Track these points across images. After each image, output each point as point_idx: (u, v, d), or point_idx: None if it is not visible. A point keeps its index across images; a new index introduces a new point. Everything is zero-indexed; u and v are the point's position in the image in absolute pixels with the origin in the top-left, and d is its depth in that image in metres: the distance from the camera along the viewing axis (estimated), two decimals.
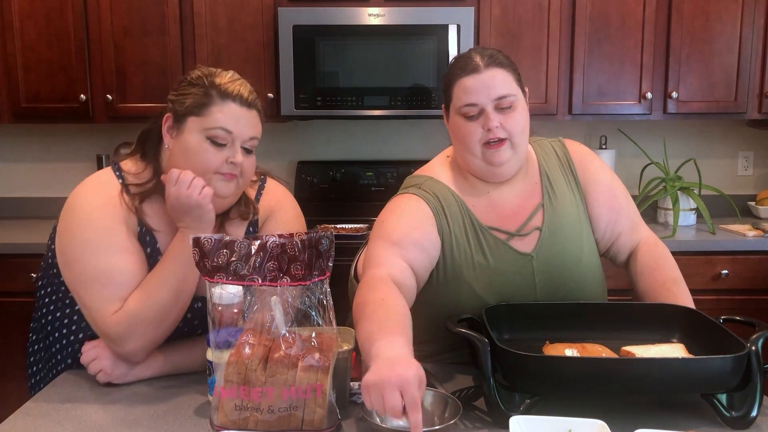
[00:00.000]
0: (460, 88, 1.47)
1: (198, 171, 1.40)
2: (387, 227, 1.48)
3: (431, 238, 1.48)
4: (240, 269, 1.18)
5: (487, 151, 1.46)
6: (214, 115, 1.40)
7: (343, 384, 1.28)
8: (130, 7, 2.95)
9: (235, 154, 1.41)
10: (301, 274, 1.18)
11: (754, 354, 1.19)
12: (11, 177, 3.45)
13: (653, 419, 1.20)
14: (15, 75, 2.99)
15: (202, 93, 1.41)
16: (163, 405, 1.31)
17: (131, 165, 1.51)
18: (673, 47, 3.00)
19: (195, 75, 1.45)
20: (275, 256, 1.18)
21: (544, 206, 1.55)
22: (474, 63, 1.46)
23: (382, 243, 1.44)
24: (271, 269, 1.18)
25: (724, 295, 2.80)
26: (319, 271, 1.19)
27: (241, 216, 1.53)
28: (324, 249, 1.19)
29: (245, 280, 1.18)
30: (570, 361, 1.23)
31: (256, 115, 1.45)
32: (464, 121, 1.47)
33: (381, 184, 3.27)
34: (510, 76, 1.47)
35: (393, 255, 1.41)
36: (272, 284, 1.19)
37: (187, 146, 1.41)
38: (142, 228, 1.45)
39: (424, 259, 1.45)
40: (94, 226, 1.40)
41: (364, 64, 2.93)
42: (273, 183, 1.63)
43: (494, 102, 1.44)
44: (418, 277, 1.44)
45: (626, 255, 1.62)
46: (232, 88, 1.42)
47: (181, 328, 1.46)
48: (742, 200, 3.26)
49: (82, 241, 1.40)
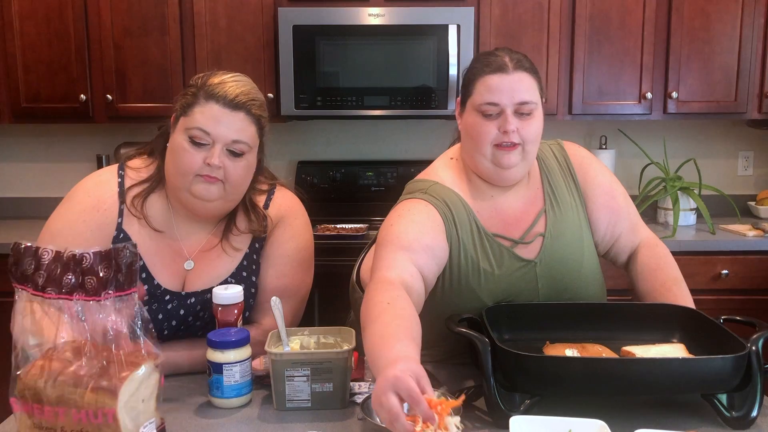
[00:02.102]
0: (484, 85, 1.45)
1: (179, 171, 1.41)
2: (396, 231, 1.43)
3: (441, 245, 1.45)
4: (40, 280, 1.07)
5: (497, 152, 1.45)
6: (195, 115, 1.40)
7: (343, 384, 1.28)
8: (130, 7, 2.95)
9: (213, 157, 1.39)
10: (94, 289, 1.06)
11: (754, 354, 1.19)
12: (11, 177, 3.45)
13: (653, 419, 1.20)
14: (15, 75, 2.99)
15: (191, 93, 1.42)
16: (163, 405, 1.31)
17: (139, 162, 1.55)
18: (673, 47, 3.00)
19: (197, 76, 1.46)
20: (70, 269, 1.06)
21: (546, 212, 1.55)
22: (502, 62, 1.44)
23: (391, 247, 1.40)
24: (68, 282, 1.06)
25: (724, 295, 2.80)
26: (116, 287, 1.06)
27: (252, 232, 1.52)
28: (125, 263, 1.07)
29: (45, 292, 1.07)
30: (570, 361, 1.23)
31: (243, 118, 1.42)
32: (481, 118, 1.46)
33: (381, 184, 3.27)
34: (535, 83, 1.46)
35: (403, 259, 1.37)
36: (67, 297, 1.06)
37: (173, 146, 1.43)
38: (120, 234, 1.47)
39: (433, 264, 1.42)
40: (67, 228, 1.46)
41: (364, 64, 2.93)
42: (282, 191, 1.61)
43: (515, 106, 1.43)
44: (427, 282, 1.41)
45: (626, 256, 1.62)
46: (219, 88, 1.40)
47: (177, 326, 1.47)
48: (742, 200, 3.26)
49: (53, 235, 1.47)
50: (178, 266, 1.50)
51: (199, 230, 1.52)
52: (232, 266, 1.51)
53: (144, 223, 1.48)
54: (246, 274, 1.51)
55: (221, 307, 1.36)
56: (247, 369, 1.31)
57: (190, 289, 1.49)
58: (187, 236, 1.51)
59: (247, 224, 1.52)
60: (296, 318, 1.59)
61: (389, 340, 1.13)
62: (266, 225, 1.53)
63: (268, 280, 1.54)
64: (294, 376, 1.26)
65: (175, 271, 1.49)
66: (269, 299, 1.39)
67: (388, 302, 1.24)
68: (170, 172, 1.45)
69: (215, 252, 1.51)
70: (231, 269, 1.51)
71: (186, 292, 1.48)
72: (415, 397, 0.99)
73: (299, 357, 1.27)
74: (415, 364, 1.05)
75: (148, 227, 1.48)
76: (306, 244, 1.59)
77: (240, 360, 1.29)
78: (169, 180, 1.47)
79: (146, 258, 1.47)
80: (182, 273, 1.50)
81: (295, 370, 1.25)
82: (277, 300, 1.38)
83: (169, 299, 1.47)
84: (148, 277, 1.46)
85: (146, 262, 1.46)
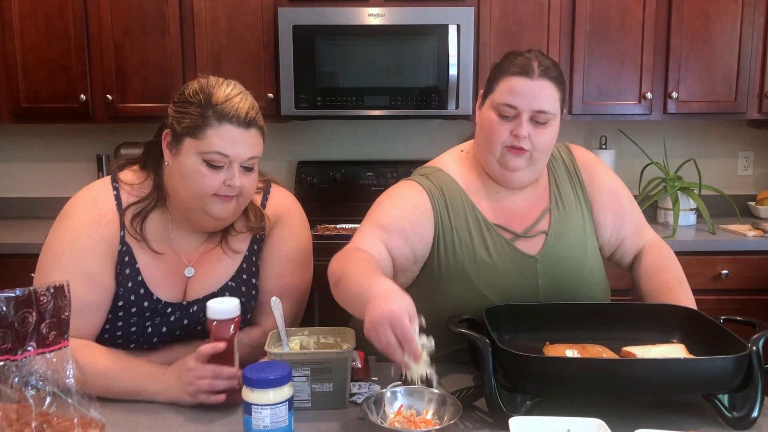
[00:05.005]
0: (506, 86, 1.45)
1: (195, 194, 1.38)
2: (379, 210, 1.51)
3: (420, 232, 1.48)
4: None
5: (506, 153, 1.46)
6: (210, 138, 1.35)
7: (343, 384, 1.28)
8: (130, 7, 2.95)
9: (233, 178, 1.37)
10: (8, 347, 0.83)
11: (754, 354, 1.19)
12: (11, 177, 3.45)
13: (653, 419, 1.20)
14: (15, 75, 2.99)
15: (198, 114, 1.36)
16: (163, 406, 1.31)
17: (131, 175, 1.49)
18: (673, 47, 3.00)
19: (192, 90, 1.39)
20: None
21: (551, 211, 1.55)
22: (529, 66, 1.44)
23: (369, 224, 1.48)
24: None
25: (724, 295, 2.80)
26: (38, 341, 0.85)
27: (250, 230, 1.51)
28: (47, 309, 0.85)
29: None
30: (570, 362, 1.23)
31: (255, 134, 1.39)
32: (497, 117, 1.46)
33: (381, 184, 3.27)
34: (557, 93, 1.46)
35: (375, 238, 1.44)
36: None
37: (183, 168, 1.38)
38: (123, 247, 1.43)
39: (405, 249, 1.47)
40: (70, 246, 1.40)
41: (364, 64, 2.93)
42: (278, 189, 1.60)
43: (532, 112, 1.43)
44: (396, 264, 1.47)
45: (631, 258, 1.62)
46: (228, 107, 1.36)
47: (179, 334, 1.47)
48: (742, 200, 3.26)
49: (56, 256, 1.40)
50: (178, 277, 1.48)
51: (198, 236, 1.50)
52: (233, 269, 1.50)
53: (156, 244, 1.46)
54: (246, 277, 1.51)
55: (216, 322, 1.26)
56: (282, 414, 1.11)
57: (192, 297, 1.48)
58: (186, 244, 1.49)
59: (245, 223, 1.51)
60: (298, 317, 1.59)
61: (373, 277, 1.22)
62: (264, 223, 1.53)
63: (268, 281, 1.53)
64: (294, 376, 1.26)
65: (176, 282, 1.47)
66: (270, 300, 1.39)
67: (362, 259, 1.33)
68: (181, 195, 1.40)
69: (214, 255, 1.50)
70: (231, 272, 1.50)
71: (187, 302, 1.47)
72: (408, 337, 1.09)
73: (299, 357, 1.27)
74: (408, 301, 1.13)
75: (147, 246, 1.45)
76: (304, 242, 1.59)
77: (271, 403, 1.10)
78: (179, 201, 1.42)
79: (146, 272, 1.44)
80: (183, 282, 1.48)
81: (295, 370, 1.25)
82: (277, 300, 1.37)
83: (171, 311, 1.46)
84: (147, 293, 1.43)
85: (146, 276, 1.44)
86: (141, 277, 1.43)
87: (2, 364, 0.83)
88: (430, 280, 1.51)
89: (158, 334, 1.45)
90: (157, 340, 1.45)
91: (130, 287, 1.42)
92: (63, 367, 0.87)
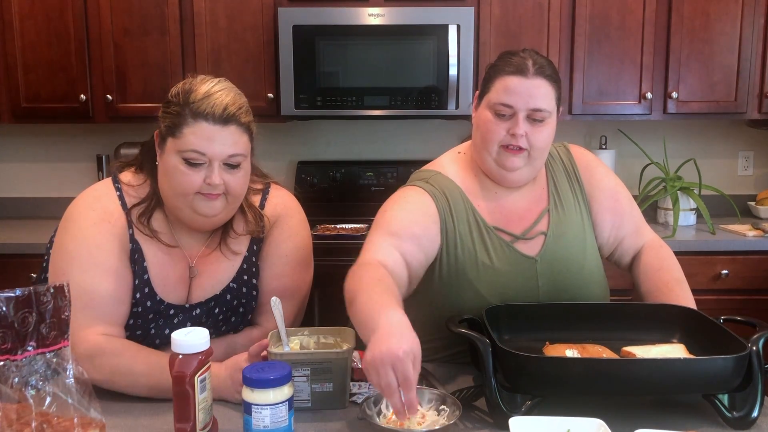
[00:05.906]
0: (501, 85, 1.45)
1: (178, 192, 1.38)
2: (388, 217, 1.47)
3: (430, 235, 1.47)
4: None
5: (503, 153, 1.47)
6: (187, 137, 1.34)
7: (342, 384, 1.28)
8: (130, 7, 2.95)
9: (212, 175, 1.36)
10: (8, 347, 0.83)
11: (755, 354, 1.19)
12: (11, 177, 3.45)
13: (653, 419, 1.20)
14: (15, 75, 2.99)
15: (177, 112, 1.36)
16: (163, 405, 1.31)
17: (130, 177, 1.50)
18: (673, 47, 3.00)
19: (176, 89, 1.40)
20: None
21: (549, 211, 1.55)
22: (524, 65, 1.44)
23: (380, 232, 1.44)
24: None
25: (724, 295, 2.80)
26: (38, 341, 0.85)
27: (250, 233, 1.51)
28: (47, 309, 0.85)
29: None
30: (570, 362, 1.23)
31: (235, 131, 1.37)
32: (493, 117, 1.47)
33: (381, 184, 3.27)
34: (553, 91, 1.46)
35: (388, 245, 1.41)
36: None
37: (167, 168, 1.38)
38: (134, 245, 1.43)
39: (419, 253, 1.45)
40: (85, 243, 1.39)
41: (364, 64, 2.93)
42: (277, 189, 1.60)
43: (529, 111, 1.44)
44: (411, 271, 1.43)
45: (630, 258, 1.62)
46: (204, 105, 1.34)
47: None
48: (742, 200, 3.26)
49: (71, 256, 1.39)
50: (183, 278, 1.48)
51: (197, 238, 1.50)
52: (233, 270, 1.50)
53: (166, 237, 1.46)
54: (247, 277, 1.51)
55: (182, 356, 1.12)
56: (282, 414, 1.12)
57: (194, 300, 1.48)
58: (187, 246, 1.49)
59: (245, 226, 1.51)
60: (298, 317, 1.59)
61: (384, 306, 1.17)
62: (264, 225, 1.53)
63: (268, 281, 1.53)
64: (294, 376, 1.26)
65: (181, 283, 1.48)
66: (270, 300, 1.39)
67: (378, 279, 1.28)
68: (167, 194, 1.41)
69: (214, 257, 1.50)
70: (232, 274, 1.50)
71: (190, 304, 1.47)
72: (409, 384, 1.05)
73: (299, 357, 1.27)
74: (415, 343, 1.08)
75: (157, 240, 1.45)
76: (304, 242, 1.59)
77: (271, 403, 1.11)
78: (167, 200, 1.43)
79: (154, 271, 1.44)
80: (186, 283, 1.48)
81: (295, 370, 1.25)
82: (277, 300, 1.37)
83: (174, 313, 1.46)
84: (151, 293, 1.43)
85: (153, 276, 1.44)
86: (147, 275, 1.44)
87: (2, 364, 0.83)
88: (431, 283, 1.50)
89: (161, 335, 1.45)
90: (159, 341, 1.45)
91: (137, 285, 1.42)
92: (63, 367, 0.87)
